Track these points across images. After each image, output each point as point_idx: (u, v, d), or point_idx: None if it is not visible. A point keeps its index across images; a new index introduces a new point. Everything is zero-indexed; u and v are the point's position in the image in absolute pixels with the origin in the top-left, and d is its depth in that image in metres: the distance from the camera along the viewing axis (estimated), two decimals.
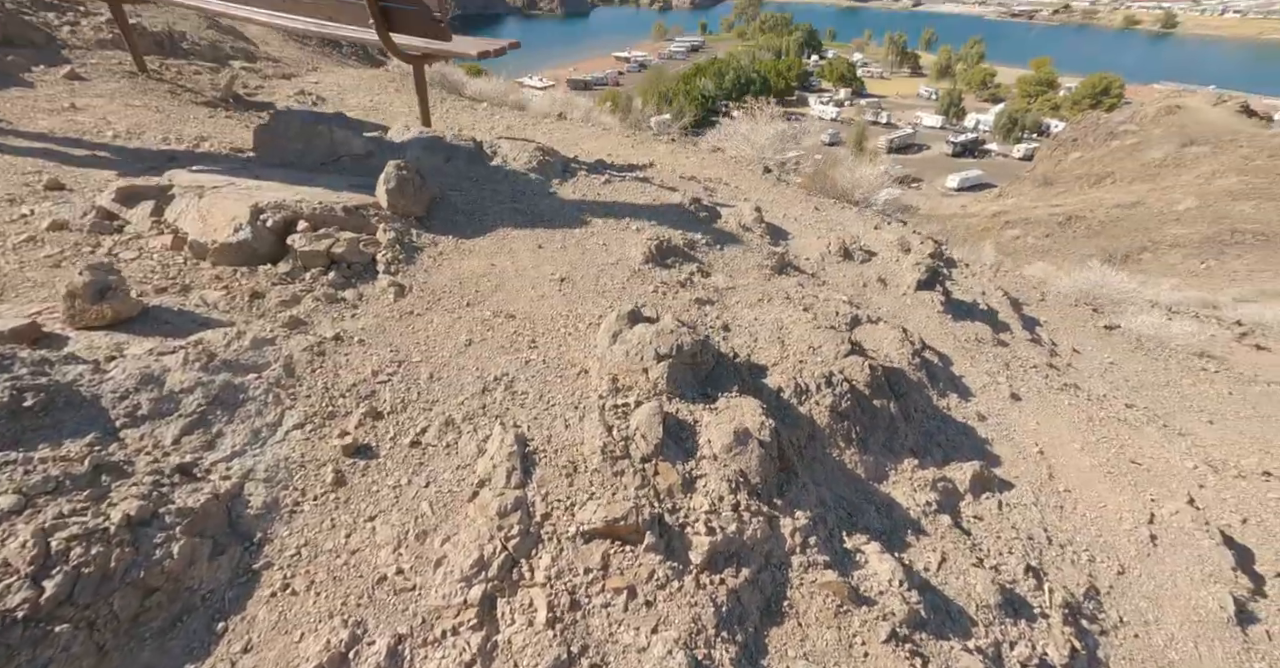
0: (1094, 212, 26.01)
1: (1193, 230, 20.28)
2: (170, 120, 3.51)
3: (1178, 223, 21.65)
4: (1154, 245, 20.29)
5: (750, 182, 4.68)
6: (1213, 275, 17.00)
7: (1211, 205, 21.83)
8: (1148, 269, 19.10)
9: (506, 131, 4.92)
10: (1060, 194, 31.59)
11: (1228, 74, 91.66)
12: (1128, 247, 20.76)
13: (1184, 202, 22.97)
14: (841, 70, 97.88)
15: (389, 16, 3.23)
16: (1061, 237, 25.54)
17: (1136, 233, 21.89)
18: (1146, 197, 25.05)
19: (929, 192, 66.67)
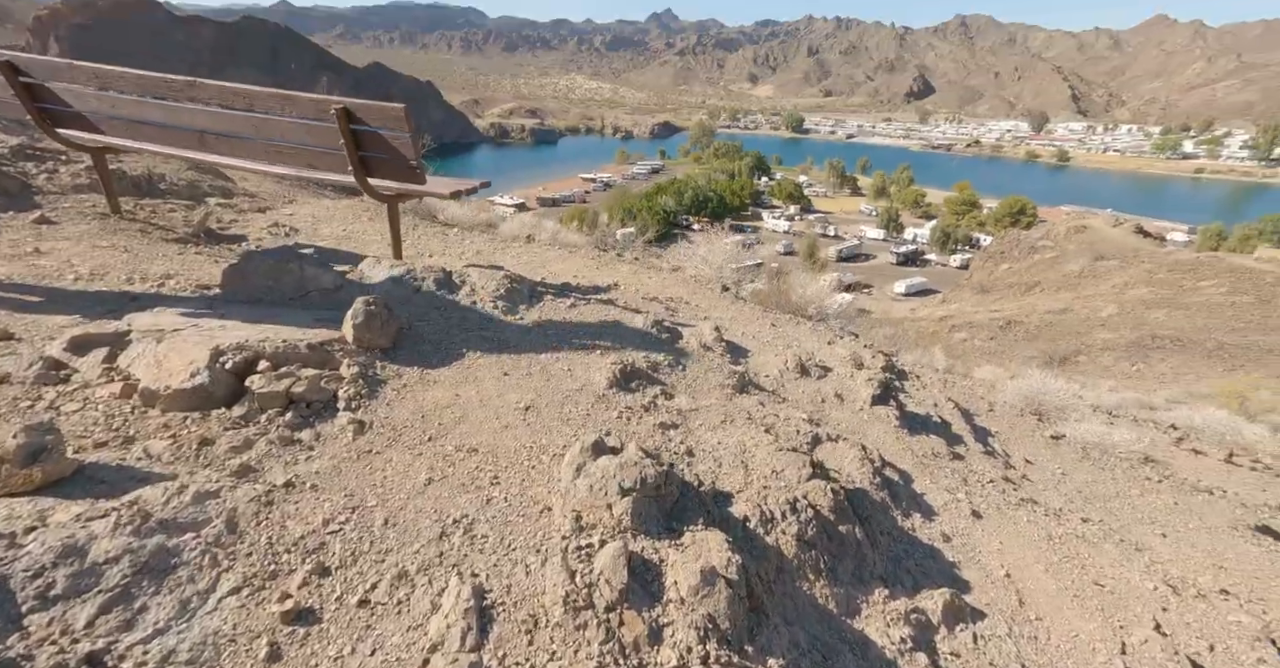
0: (1029, 317, 28.04)
1: (1118, 335, 21.96)
2: (137, 260, 3.57)
3: (1104, 328, 23.47)
4: (1087, 349, 21.76)
5: (710, 300, 4.96)
6: (1144, 377, 18.15)
7: (1130, 313, 23.92)
8: (1085, 371, 20.32)
9: (476, 257, 5.17)
10: (997, 300, 34.18)
11: (1116, 199, 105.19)
12: (1064, 350, 22.20)
13: (1106, 309, 25.10)
14: (790, 189, 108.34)
15: (367, 163, 3.49)
16: (1004, 339, 27.18)
17: (1070, 337, 23.56)
18: (1072, 304, 27.33)
19: (879, 296, 71.11)
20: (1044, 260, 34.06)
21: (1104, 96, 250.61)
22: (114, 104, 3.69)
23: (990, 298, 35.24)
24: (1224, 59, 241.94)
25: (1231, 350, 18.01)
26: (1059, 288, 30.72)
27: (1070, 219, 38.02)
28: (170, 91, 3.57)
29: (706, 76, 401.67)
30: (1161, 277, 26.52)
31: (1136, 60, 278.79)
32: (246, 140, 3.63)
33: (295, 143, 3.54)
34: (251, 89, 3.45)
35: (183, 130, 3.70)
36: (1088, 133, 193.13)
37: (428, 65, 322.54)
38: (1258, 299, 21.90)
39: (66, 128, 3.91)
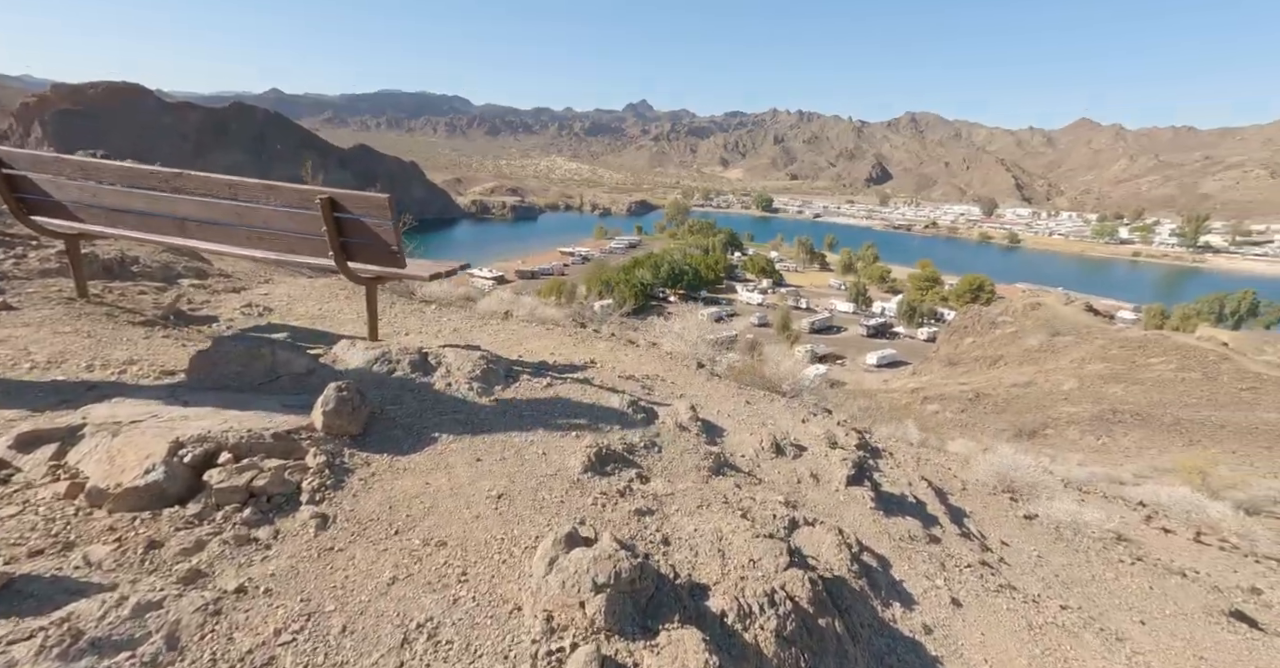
0: (996, 390, 28.76)
1: (1081, 409, 22.57)
2: (99, 345, 3.51)
3: (1067, 402, 24.14)
4: (1054, 422, 22.24)
5: (685, 377, 5.02)
6: (1110, 451, 18.51)
7: (1090, 387, 24.77)
8: (1054, 444, 20.66)
9: (453, 335, 5.20)
10: (965, 373, 35.11)
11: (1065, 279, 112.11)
12: (1032, 423, 22.65)
13: (1067, 383, 25.96)
14: (762, 264, 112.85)
15: (348, 248, 3.57)
16: (974, 412, 27.65)
17: (1036, 410, 24.12)
18: (1035, 378, 28.23)
19: (853, 367, 72.52)
20: (1005, 335, 35.47)
21: (1044, 186, 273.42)
22: (96, 194, 3.74)
23: (958, 371, 36.20)
24: (1144, 158, 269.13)
25: (1187, 425, 18.61)
26: (1021, 362, 31.81)
27: (1026, 296, 40.10)
28: (156, 182, 3.65)
29: (680, 160, 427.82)
30: (1115, 352, 27.76)
31: (1069, 156, 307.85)
32: (228, 227, 3.69)
33: (277, 229, 3.60)
34: (238, 180, 3.57)
35: (164, 218, 3.75)
36: (1033, 218, 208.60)
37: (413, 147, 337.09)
38: (1204, 376, 22.98)
39: (42, 215, 3.93)
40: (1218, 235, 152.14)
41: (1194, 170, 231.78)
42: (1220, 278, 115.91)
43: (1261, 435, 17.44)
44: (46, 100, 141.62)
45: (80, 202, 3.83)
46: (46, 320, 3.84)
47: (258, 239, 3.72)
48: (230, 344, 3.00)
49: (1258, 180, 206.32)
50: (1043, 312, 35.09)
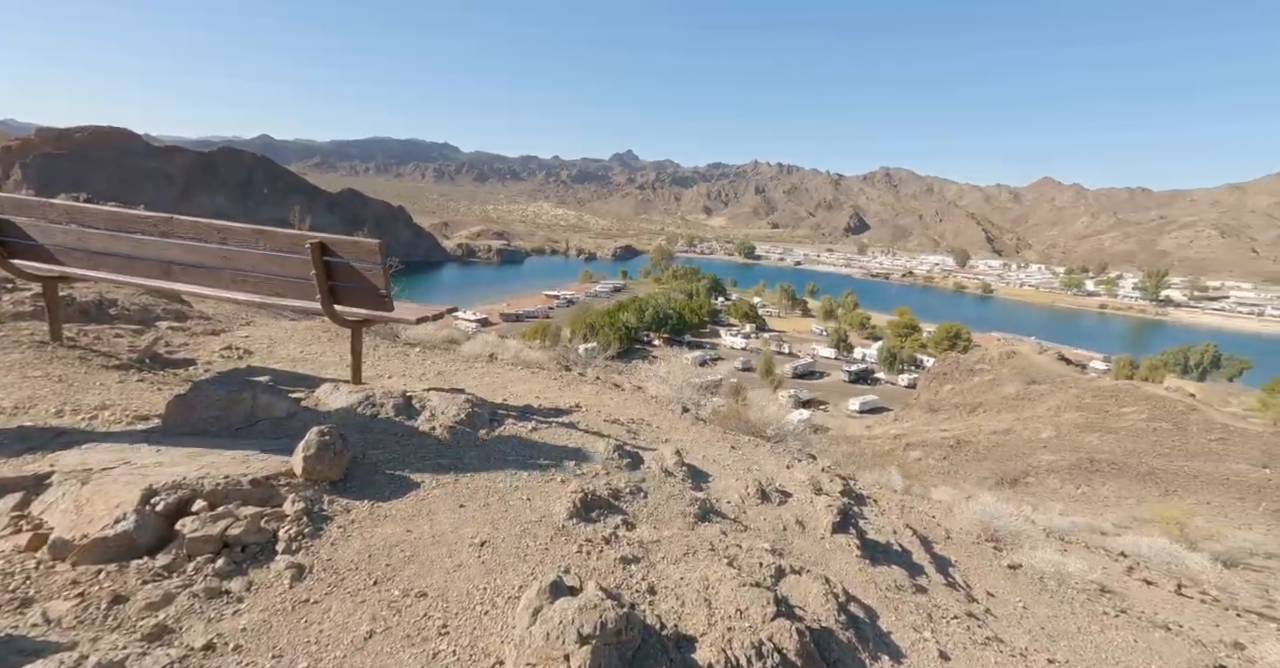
0: (977, 437, 28.98)
1: (1060, 457, 22.81)
2: (71, 389, 3.43)
3: (1046, 450, 24.40)
4: (1034, 470, 22.39)
5: (671, 421, 5.02)
6: (1089, 500, 18.60)
7: (1067, 436, 25.12)
8: (1035, 493, 20.71)
9: (437, 378, 5.17)
10: (946, 420, 35.41)
11: (1037, 328, 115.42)
12: (1013, 471, 22.77)
13: (1045, 431, 26.31)
14: (745, 309, 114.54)
15: (335, 292, 3.59)
16: (956, 459, 27.73)
17: (1016, 458, 24.30)
18: (1014, 425, 28.57)
19: (835, 413, 72.66)
20: (983, 383, 36.06)
21: (1013, 240, 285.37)
22: (81, 237, 3.73)
23: (939, 417, 36.50)
24: (1104, 215, 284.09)
25: (1162, 475, 18.86)
26: (1000, 409, 32.23)
27: (1001, 345, 41.06)
28: (144, 226, 3.66)
29: (665, 208, 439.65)
30: (1089, 401, 28.33)
31: (1034, 212, 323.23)
32: (214, 270, 3.68)
33: (265, 272, 3.60)
34: (229, 224, 3.59)
35: (149, 261, 3.73)
36: (1004, 269, 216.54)
37: (401, 191, 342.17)
38: (1174, 426, 23.50)
39: (22, 259, 3.90)
40: (1177, 290, 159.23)
41: (1151, 228, 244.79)
42: (1182, 331, 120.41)
43: (1233, 486, 17.73)
44: (29, 143, 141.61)
45: (64, 245, 3.81)
46: (16, 365, 3.76)
47: (244, 282, 3.72)
48: (208, 388, 2.96)
49: (1210, 240, 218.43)
50: (1018, 360, 35.89)
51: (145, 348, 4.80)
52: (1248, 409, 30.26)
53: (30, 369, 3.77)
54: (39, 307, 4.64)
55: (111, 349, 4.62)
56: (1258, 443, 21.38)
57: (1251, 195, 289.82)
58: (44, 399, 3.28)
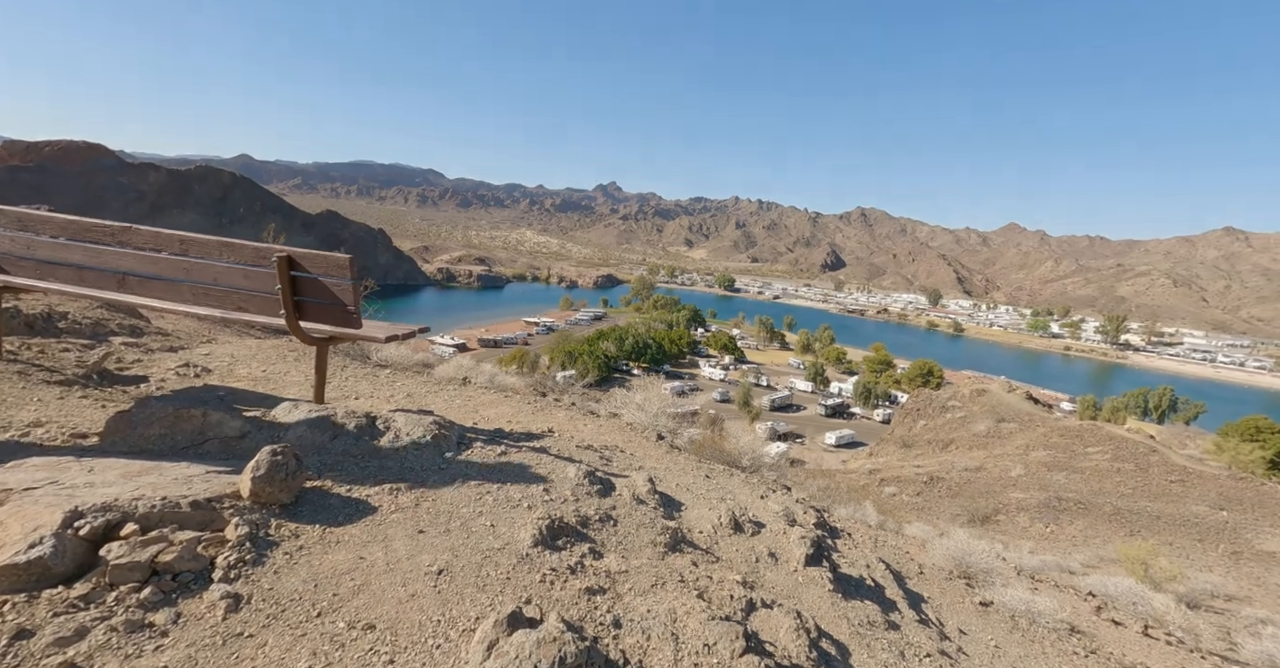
0: (949, 473, 29.19)
1: (1029, 495, 23.05)
2: (3, 405, 3.23)
3: (1015, 488, 24.65)
4: (1004, 508, 22.55)
5: (645, 448, 4.93)
6: (1058, 539, 18.74)
7: (1035, 474, 25.48)
8: (1006, 530, 20.83)
9: (406, 400, 5.03)
10: (919, 456, 35.67)
11: (1006, 368, 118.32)
12: (985, 509, 22.90)
13: (1014, 469, 26.64)
14: (724, 341, 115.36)
15: (301, 307, 3.47)
16: (930, 495, 27.82)
17: (987, 496, 24.47)
18: (985, 463, 28.89)
19: (812, 446, 72.77)
20: (955, 420, 36.57)
21: (983, 281, 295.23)
22: (30, 245, 3.59)
23: (913, 453, 36.76)
24: (1067, 261, 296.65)
25: (1127, 515, 19.16)
26: (971, 446, 32.63)
27: (972, 383, 41.89)
28: (101, 236, 3.53)
29: (647, 239, 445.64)
30: (1056, 440, 28.88)
31: (1001, 255, 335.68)
32: (173, 282, 3.54)
33: (227, 286, 3.47)
34: (191, 236, 3.47)
35: (103, 272, 3.58)
36: (974, 309, 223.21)
37: (382, 215, 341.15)
38: (1136, 467, 24.03)
39: None
40: (1135, 334, 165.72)
41: (1110, 275, 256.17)
42: (1140, 374, 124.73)
43: (1192, 528, 18.08)
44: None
45: (10, 253, 3.65)
46: None
47: (204, 296, 3.58)
48: (155, 405, 2.81)
49: (1163, 288, 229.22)
50: (988, 398, 36.57)
51: (94, 364, 4.58)
52: (1204, 452, 31.19)
53: None
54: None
55: (56, 364, 4.40)
56: (1214, 485, 21.96)
57: (1200, 247, 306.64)
58: None
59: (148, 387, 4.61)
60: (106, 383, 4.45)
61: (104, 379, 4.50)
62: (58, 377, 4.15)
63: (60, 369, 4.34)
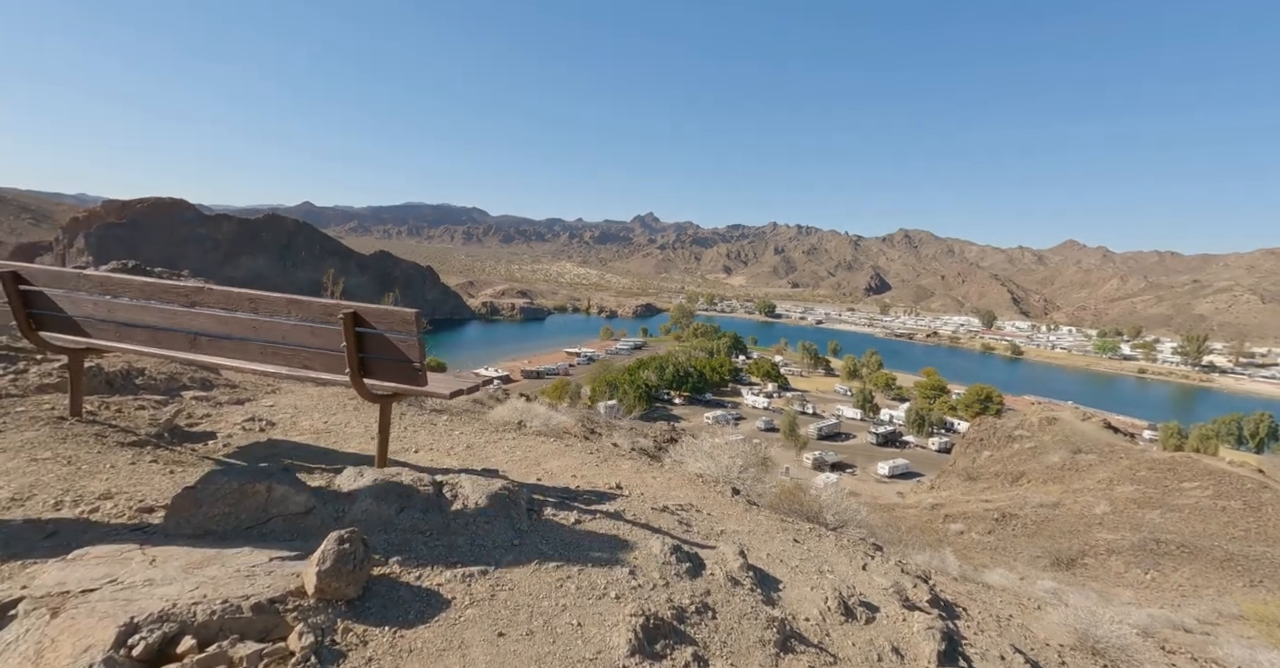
0: (1023, 510, 27.07)
1: (1120, 537, 20.99)
2: (77, 474, 3.12)
3: (1102, 527, 22.54)
4: (1092, 550, 20.57)
5: (723, 506, 4.48)
6: (1161, 588, 16.84)
7: (1124, 512, 23.26)
8: (1096, 576, 18.90)
9: (466, 452, 4.78)
10: (986, 490, 33.36)
11: (1073, 393, 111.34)
12: (1069, 551, 20.94)
13: (1098, 506, 24.44)
14: (767, 368, 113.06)
15: (366, 364, 3.32)
16: (1003, 534, 25.79)
17: (1070, 536, 22.44)
18: (1063, 498, 26.67)
19: (864, 477, 69.51)
20: (1024, 450, 34.21)
21: (1040, 301, 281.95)
22: (110, 308, 3.60)
23: (979, 486, 34.47)
24: (1134, 278, 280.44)
25: (1244, 562, 17.07)
26: (1045, 480, 30.32)
27: (1040, 410, 39.28)
28: (175, 297, 3.51)
29: (685, 267, 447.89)
30: (1144, 474, 26.47)
31: (1060, 273, 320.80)
32: (242, 341, 3.49)
33: (294, 344, 3.40)
34: (260, 294, 3.40)
35: (176, 333, 3.57)
36: (1033, 331, 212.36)
37: (430, 253, 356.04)
38: (1246, 505, 21.60)
39: (51, 331, 3.77)
40: (1220, 355, 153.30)
41: (1185, 292, 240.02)
42: (1230, 398, 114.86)
43: None
44: (94, 214, 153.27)
45: (93, 316, 3.67)
46: (26, 445, 3.49)
47: (272, 354, 3.49)
48: (220, 480, 2.59)
49: (1249, 305, 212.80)
50: (1060, 427, 34.11)
51: (166, 421, 4.54)
52: None
53: (40, 450, 3.49)
54: (65, 379, 4.46)
55: (131, 423, 4.36)
56: None
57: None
58: (46, 487, 2.96)
59: (215, 443, 4.53)
60: (177, 441, 4.38)
61: (174, 437, 4.44)
62: (131, 437, 4.09)
63: (135, 429, 4.29)
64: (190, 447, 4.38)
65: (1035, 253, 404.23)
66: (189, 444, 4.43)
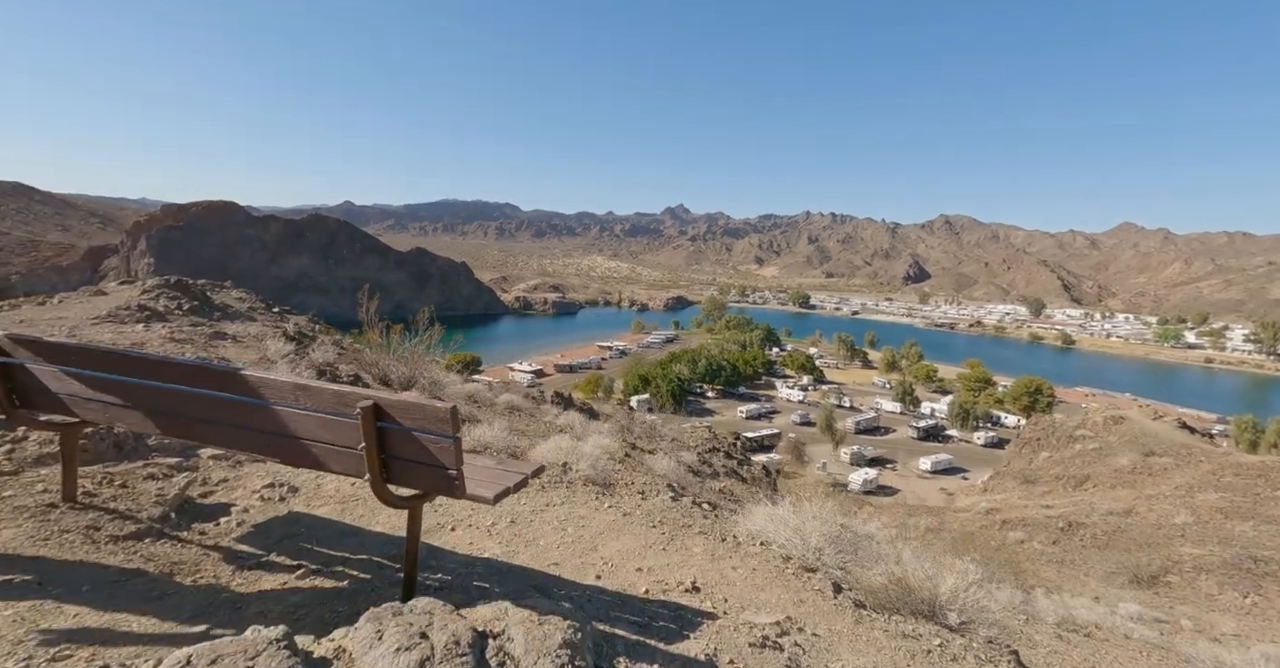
0: (1089, 517, 25.29)
1: (1207, 551, 19.22)
2: (41, 609, 2.53)
3: (1184, 540, 20.72)
4: (1176, 567, 18.87)
5: (828, 618, 3.62)
6: (1266, 615, 15.20)
7: (1209, 523, 21.34)
8: (1185, 598, 17.29)
9: (509, 530, 4.09)
10: (1046, 494, 31.45)
11: (1131, 384, 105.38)
12: (1149, 566, 19.28)
13: (1178, 515, 22.54)
14: (801, 360, 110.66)
15: (390, 468, 2.71)
16: (1069, 545, 24.13)
17: (1148, 549, 20.70)
18: (1135, 505, 24.76)
19: (904, 472, 67.24)
20: (1087, 452, 32.11)
21: (1093, 288, 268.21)
22: (97, 386, 3.09)
23: (1037, 490, 32.58)
24: (1200, 261, 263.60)
25: None
26: (1114, 485, 28.33)
27: (1105, 408, 36.86)
28: (170, 375, 2.94)
29: (716, 258, 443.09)
30: (1229, 481, 24.34)
31: (1115, 258, 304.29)
32: (243, 430, 2.90)
33: (303, 437, 2.80)
34: (263, 377, 2.79)
35: (170, 416, 3.02)
36: (1086, 319, 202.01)
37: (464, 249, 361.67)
38: None
39: (32, 408, 3.31)
40: None
41: (1259, 275, 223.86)
42: None
43: None
44: (154, 218, 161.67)
45: (78, 395, 3.16)
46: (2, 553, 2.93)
47: (280, 448, 2.87)
48: None
49: None
50: (1129, 426, 31.86)
51: (174, 497, 3.99)
52: None
53: (13, 563, 2.93)
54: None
55: (133, 504, 3.81)
56: None
57: None
58: (6, 630, 2.37)
59: (228, 522, 3.97)
60: (185, 523, 3.84)
61: (182, 517, 3.90)
62: (130, 526, 3.54)
63: (136, 512, 3.74)
64: (200, 530, 3.82)
65: (1088, 237, 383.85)
66: (199, 525, 3.88)
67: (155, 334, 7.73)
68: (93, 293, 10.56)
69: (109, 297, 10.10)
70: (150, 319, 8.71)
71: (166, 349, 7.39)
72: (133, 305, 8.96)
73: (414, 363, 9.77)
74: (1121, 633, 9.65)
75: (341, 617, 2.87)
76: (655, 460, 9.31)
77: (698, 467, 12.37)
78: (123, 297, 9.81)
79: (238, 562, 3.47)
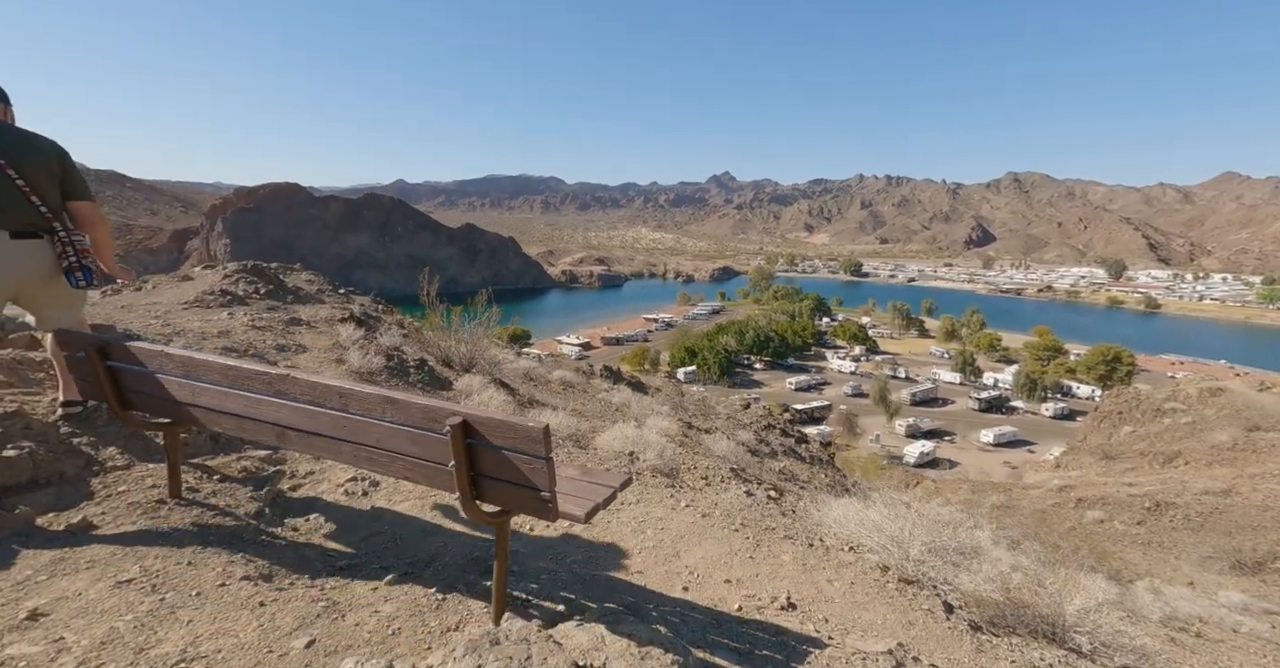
0: (1181, 497, 23.59)
1: None
2: (156, 615, 2.54)
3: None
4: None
5: (943, 646, 3.29)
6: None
7: None
8: None
9: (586, 530, 3.96)
10: (1129, 471, 29.53)
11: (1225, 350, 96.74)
12: (1252, 551, 17.79)
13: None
14: (853, 330, 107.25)
15: (480, 486, 2.58)
16: (1157, 526, 22.65)
17: (1252, 532, 19.11)
18: (1236, 485, 22.86)
19: (964, 445, 64.72)
20: (1178, 426, 29.82)
21: (1185, 246, 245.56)
22: (194, 392, 3.13)
23: (1119, 467, 30.64)
24: None
25: None
26: (1210, 463, 26.26)
27: (1199, 379, 34.00)
28: (258, 384, 2.90)
29: (763, 227, 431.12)
30: None
31: (1213, 213, 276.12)
32: (333, 440, 2.84)
33: (391, 450, 2.71)
34: (351, 389, 2.69)
35: (262, 423, 3.00)
36: (1175, 281, 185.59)
37: (511, 223, 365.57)
38: None
39: (137, 409, 3.43)
40: None
41: None
42: None
43: None
44: (228, 201, 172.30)
45: (178, 399, 3.26)
46: (115, 556, 2.99)
47: (367, 459, 2.80)
48: None
49: None
50: (1229, 399, 29.29)
51: (266, 492, 4.08)
52: None
53: (126, 562, 2.98)
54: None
55: (231, 500, 3.90)
56: None
57: None
58: (116, 648, 2.39)
59: (316, 518, 4.02)
60: (277, 518, 3.91)
61: (275, 513, 3.97)
62: (231, 521, 3.63)
63: (234, 508, 3.83)
64: (292, 526, 3.88)
65: (1180, 190, 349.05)
66: (291, 520, 3.95)
67: (239, 322, 7.99)
68: (180, 278, 11.09)
69: (194, 282, 10.57)
70: (232, 303, 9.05)
71: (250, 338, 7.62)
72: (215, 290, 9.33)
73: (474, 344, 9.88)
74: (1229, 626, 8.90)
75: (433, 633, 2.80)
76: (714, 441, 9.09)
77: (755, 446, 12.08)
78: (206, 281, 10.25)
79: (329, 563, 3.48)
